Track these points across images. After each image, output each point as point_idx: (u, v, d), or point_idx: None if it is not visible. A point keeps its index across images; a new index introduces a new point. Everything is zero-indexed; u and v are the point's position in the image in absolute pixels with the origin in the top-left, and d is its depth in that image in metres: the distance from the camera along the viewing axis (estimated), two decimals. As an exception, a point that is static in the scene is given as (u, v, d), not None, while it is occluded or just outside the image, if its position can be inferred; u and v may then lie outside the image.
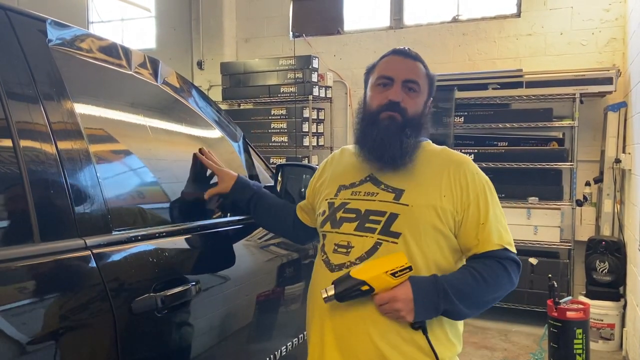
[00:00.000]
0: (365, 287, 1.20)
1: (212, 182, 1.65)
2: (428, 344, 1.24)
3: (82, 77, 1.30)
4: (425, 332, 1.24)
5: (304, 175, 1.94)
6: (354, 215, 1.34)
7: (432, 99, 1.42)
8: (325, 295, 1.24)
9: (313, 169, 1.92)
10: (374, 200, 1.33)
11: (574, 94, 4.15)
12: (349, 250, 1.32)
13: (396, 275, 1.20)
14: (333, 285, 1.24)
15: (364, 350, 1.27)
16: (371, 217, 1.31)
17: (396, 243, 1.28)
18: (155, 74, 1.56)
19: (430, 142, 1.45)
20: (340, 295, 1.22)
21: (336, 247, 1.34)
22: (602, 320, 3.74)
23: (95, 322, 1.09)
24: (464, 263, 1.35)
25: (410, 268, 1.22)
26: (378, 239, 1.29)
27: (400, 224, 1.28)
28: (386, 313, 1.23)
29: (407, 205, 1.29)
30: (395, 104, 1.34)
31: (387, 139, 1.32)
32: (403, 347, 1.26)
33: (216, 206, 1.68)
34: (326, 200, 1.43)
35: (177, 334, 1.32)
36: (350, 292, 1.22)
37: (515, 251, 1.33)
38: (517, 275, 1.31)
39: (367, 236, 1.30)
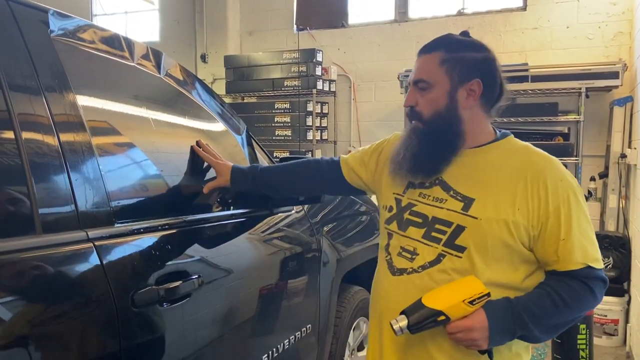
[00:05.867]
0: (441, 318, 1.11)
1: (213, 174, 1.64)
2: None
3: (84, 69, 1.30)
4: (491, 357, 1.15)
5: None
6: (420, 221, 1.26)
7: (472, 82, 1.21)
8: (396, 327, 1.12)
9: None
10: (442, 208, 1.23)
11: (580, 88, 4.11)
12: (413, 257, 1.25)
13: (474, 303, 1.11)
14: (404, 316, 1.13)
15: (419, 359, 1.24)
16: (437, 226, 1.23)
17: (460, 257, 1.20)
18: (158, 66, 1.55)
19: (513, 137, 1.31)
20: (414, 327, 1.12)
21: (401, 251, 1.28)
22: (605, 316, 3.72)
23: (97, 314, 1.09)
24: (540, 276, 1.22)
25: (488, 295, 1.12)
26: (442, 250, 1.22)
27: (466, 237, 1.19)
28: (459, 341, 1.14)
29: (476, 218, 1.18)
30: (410, 110, 1.28)
31: (412, 151, 1.26)
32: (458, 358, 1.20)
33: (220, 199, 1.67)
34: (394, 194, 1.34)
35: (179, 327, 1.32)
36: (425, 323, 1.12)
37: (601, 266, 1.19)
38: (602, 293, 1.19)
39: (432, 246, 1.23)
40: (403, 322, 1.12)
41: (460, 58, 1.23)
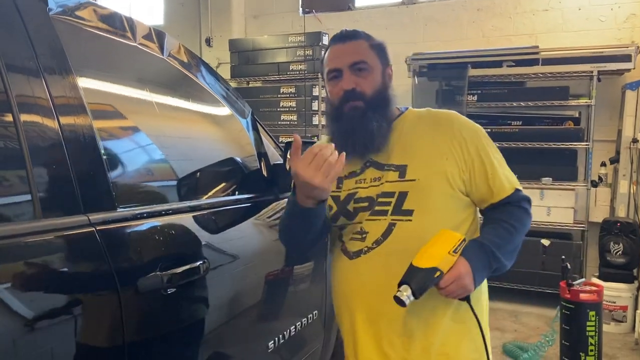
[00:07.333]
0: (437, 274, 1.15)
1: (221, 160, 1.61)
2: (472, 312, 1.23)
3: (84, 49, 1.27)
4: (469, 301, 1.22)
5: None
6: (367, 204, 1.32)
7: (390, 65, 1.38)
8: (403, 297, 1.13)
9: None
10: (383, 184, 1.31)
11: (592, 72, 4.03)
12: (363, 236, 1.30)
13: (456, 251, 1.18)
14: (405, 285, 1.14)
15: (395, 330, 1.27)
16: (380, 200, 1.29)
17: (410, 220, 1.26)
18: (161, 47, 1.52)
19: (412, 108, 1.43)
20: (418, 291, 1.13)
21: (352, 236, 1.33)
22: (614, 303, 3.70)
23: (100, 300, 1.07)
24: (475, 216, 1.35)
25: (465, 240, 1.21)
26: (392, 220, 1.28)
27: (410, 200, 1.27)
28: (451, 292, 1.18)
29: (414, 180, 1.28)
30: (350, 92, 1.30)
31: (352, 129, 1.30)
32: (433, 321, 1.26)
33: (231, 185, 1.65)
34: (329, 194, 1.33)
35: (183, 313, 1.30)
36: (426, 283, 1.15)
37: (521, 187, 1.35)
38: (531, 208, 1.35)
39: (379, 219, 1.29)
40: (407, 291, 1.14)
41: (378, 45, 1.36)
